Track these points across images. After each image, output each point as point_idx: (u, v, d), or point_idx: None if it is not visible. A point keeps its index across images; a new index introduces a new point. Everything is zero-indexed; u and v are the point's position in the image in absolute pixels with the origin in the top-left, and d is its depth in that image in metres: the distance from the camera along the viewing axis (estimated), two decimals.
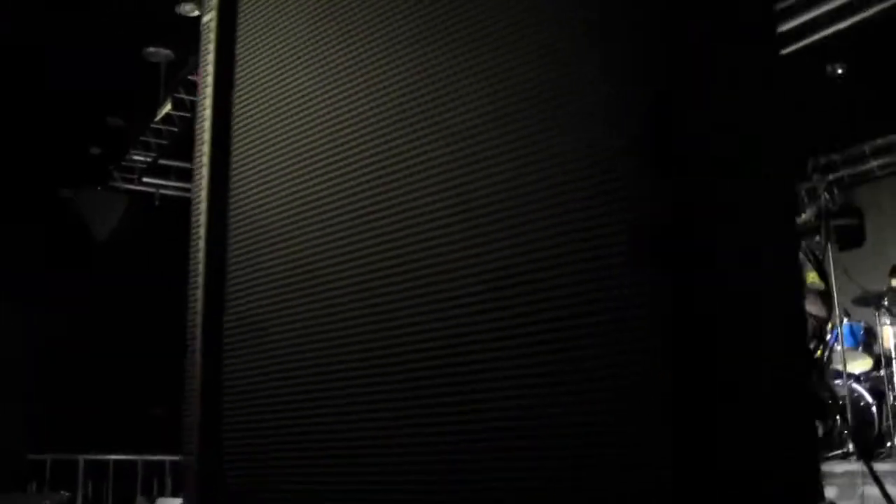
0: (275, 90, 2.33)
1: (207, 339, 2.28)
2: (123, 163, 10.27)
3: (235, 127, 2.43)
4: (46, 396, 10.03)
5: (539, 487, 1.57)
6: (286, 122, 2.27)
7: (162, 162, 10.45)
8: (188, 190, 8.04)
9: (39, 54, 8.19)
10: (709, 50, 1.68)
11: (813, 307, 6.85)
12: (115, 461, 10.16)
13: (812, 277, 6.37)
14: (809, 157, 9.91)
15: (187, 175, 10.67)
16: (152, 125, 9.12)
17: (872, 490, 4.57)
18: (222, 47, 2.48)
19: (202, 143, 2.45)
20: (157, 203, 11.04)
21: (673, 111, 1.53)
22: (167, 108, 8.52)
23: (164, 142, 9.45)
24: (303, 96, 2.24)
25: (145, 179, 10.73)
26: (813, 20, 7.44)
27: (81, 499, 9.85)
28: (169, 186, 11.09)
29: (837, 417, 6.96)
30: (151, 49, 8.25)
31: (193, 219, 2.43)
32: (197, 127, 2.50)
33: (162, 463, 10.23)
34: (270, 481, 2.12)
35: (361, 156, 2.05)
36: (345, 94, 2.12)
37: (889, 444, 7.04)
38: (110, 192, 10.53)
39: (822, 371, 7.26)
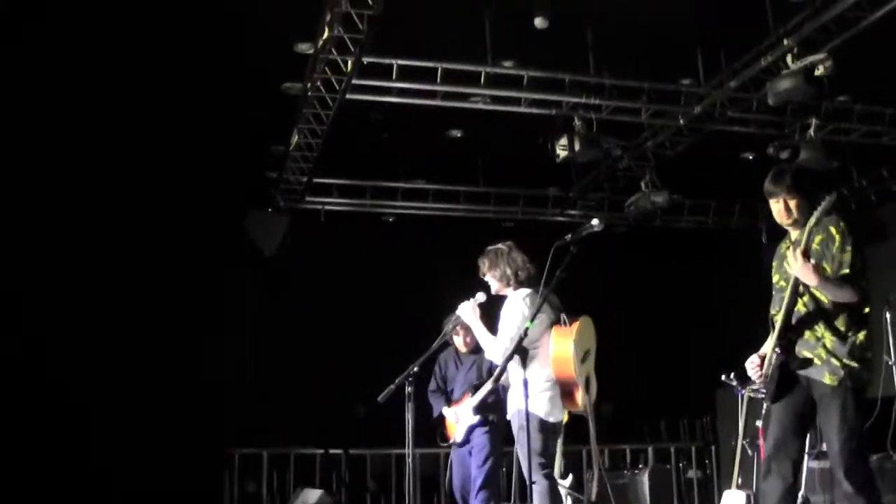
0: None
1: None
2: (283, 185, 11.32)
3: None
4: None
5: None
6: None
7: (321, 181, 11.61)
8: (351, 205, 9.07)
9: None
10: None
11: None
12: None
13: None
14: None
15: (348, 191, 11.78)
16: (291, 151, 10.08)
17: None
18: None
19: None
20: (322, 219, 12.14)
21: None
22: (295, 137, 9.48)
23: (308, 165, 10.41)
24: None
25: (308, 198, 11.84)
26: None
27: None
28: (333, 203, 12.18)
29: None
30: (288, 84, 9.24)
31: None
32: None
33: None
34: None
35: None
36: None
37: None
38: (275, 213, 11.66)
39: None
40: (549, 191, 12.73)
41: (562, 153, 9.29)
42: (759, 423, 5.05)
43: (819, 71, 7.59)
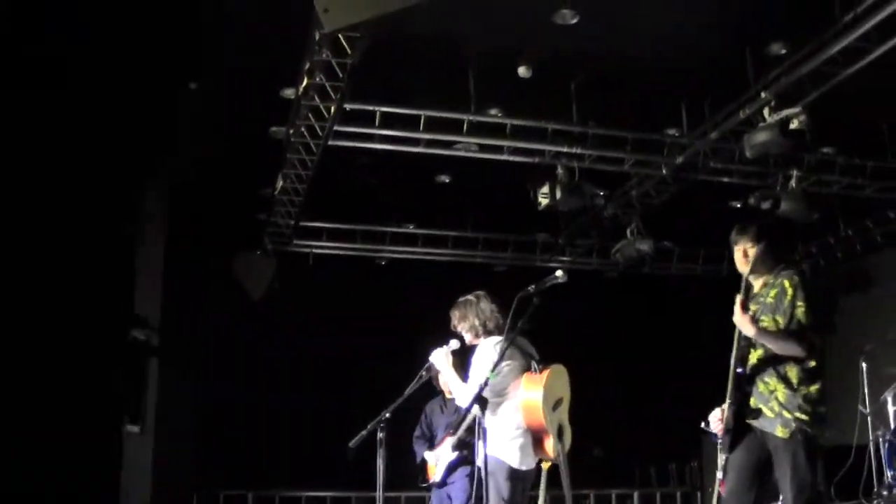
0: None
1: None
2: (271, 228, 11.40)
3: None
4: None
5: None
6: None
7: (310, 224, 11.70)
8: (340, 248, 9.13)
9: None
10: None
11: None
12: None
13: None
14: None
15: (337, 235, 11.85)
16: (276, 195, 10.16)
17: None
18: None
19: None
20: (311, 262, 12.22)
21: None
22: (280, 182, 9.57)
23: (294, 209, 10.49)
24: None
25: (297, 241, 11.92)
26: None
27: None
28: (322, 246, 12.25)
29: None
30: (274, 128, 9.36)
31: None
32: None
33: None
34: None
35: None
36: None
37: None
38: (262, 255, 11.73)
39: None
40: (538, 237, 12.79)
41: (543, 201, 9.36)
42: (719, 475, 5.03)
43: (794, 124, 7.67)
